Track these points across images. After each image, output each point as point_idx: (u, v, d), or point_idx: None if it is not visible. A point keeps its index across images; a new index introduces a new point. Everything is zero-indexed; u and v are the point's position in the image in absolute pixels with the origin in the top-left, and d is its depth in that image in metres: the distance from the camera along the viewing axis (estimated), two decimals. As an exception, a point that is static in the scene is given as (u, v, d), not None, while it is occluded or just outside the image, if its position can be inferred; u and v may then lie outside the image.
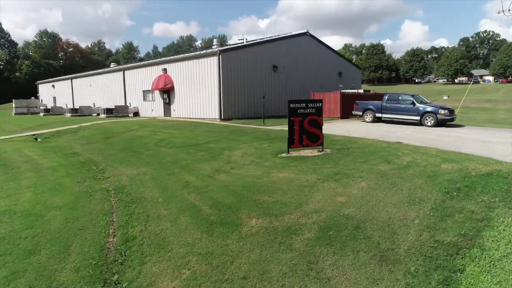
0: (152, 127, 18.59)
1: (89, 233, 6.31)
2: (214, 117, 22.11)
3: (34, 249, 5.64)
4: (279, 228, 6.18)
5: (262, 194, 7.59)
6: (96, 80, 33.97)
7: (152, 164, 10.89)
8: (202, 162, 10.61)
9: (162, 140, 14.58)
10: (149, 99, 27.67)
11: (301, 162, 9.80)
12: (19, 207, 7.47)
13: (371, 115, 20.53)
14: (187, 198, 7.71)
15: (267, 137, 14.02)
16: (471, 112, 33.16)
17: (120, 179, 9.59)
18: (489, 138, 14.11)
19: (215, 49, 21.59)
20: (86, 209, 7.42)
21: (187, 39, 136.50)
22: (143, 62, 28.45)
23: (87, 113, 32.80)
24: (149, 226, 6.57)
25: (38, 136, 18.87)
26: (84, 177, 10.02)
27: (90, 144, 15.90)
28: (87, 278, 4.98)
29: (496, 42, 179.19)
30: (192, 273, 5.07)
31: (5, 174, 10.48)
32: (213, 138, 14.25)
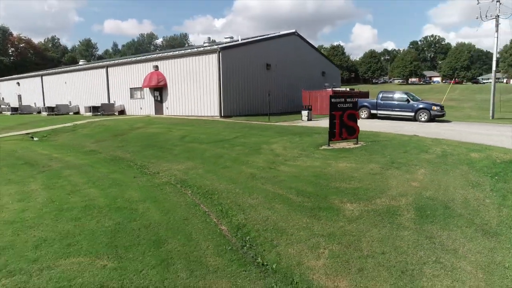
0: (160, 125, 18.27)
1: (196, 223, 6.40)
2: (214, 114, 22.12)
3: (159, 239, 5.66)
4: (378, 210, 6.67)
5: (338, 182, 8.04)
6: (72, 77, 32.31)
7: (195, 159, 10.91)
8: (249, 156, 10.83)
9: (184, 137, 14.49)
10: (137, 96, 26.93)
11: (349, 154, 10.36)
12: (98, 202, 7.31)
13: (366, 112, 21.66)
14: (265, 188, 7.96)
15: (291, 132, 14.45)
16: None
17: (174, 174, 9.58)
18: (484, 131, 15.62)
19: (215, 47, 21.61)
20: (170, 201, 7.43)
21: (147, 37, 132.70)
22: (130, 59, 27.62)
23: (64, 111, 31.15)
24: (249, 214, 6.76)
25: (33, 135, 17.83)
26: (133, 173, 9.87)
27: (102, 142, 15.38)
28: (236, 262, 5.15)
29: (441, 45, 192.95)
30: (331, 251, 5.42)
31: (41, 172, 10.02)
32: (238, 133, 14.42)
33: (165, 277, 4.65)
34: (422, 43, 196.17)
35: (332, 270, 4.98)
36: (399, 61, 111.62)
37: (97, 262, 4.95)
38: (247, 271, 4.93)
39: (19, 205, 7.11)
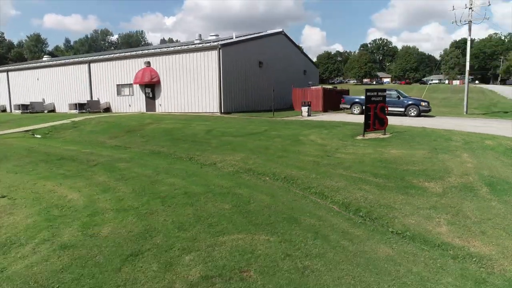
0: (170, 121, 18.06)
1: (306, 203, 6.91)
2: (213, 111, 22.25)
3: (291, 217, 6.06)
4: (457, 187, 7.59)
5: (404, 165, 8.88)
6: (46, 73, 30.43)
7: (242, 151, 11.22)
8: (295, 146, 11.38)
9: (210, 131, 14.63)
10: (124, 93, 26.15)
11: (388, 142, 11.30)
12: (192, 189, 7.46)
13: (358, 108, 23.01)
14: (340, 173, 8.59)
15: (313, 126, 15.17)
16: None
17: (233, 164, 9.89)
18: (472, 123, 17.51)
19: (215, 43, 21.73)
20: (262, 187, 7.84)
21: (101, 33, 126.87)
22: (118, 54, 26.70)
23: (39, 109, 29.30)
24: (345, 195, 7.37)
25: (33, 132, 16.90)
26: (193, 164, 10.02)
27: (118, 138, 15.05)
28: (374, 232, 5.76)
29: (389, 48, 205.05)
30: (446, 220, 6.20)
31: (93, 166, 9.81)
32: (264, 127, 14.84)
33: (333, 246, 5.11)
34: (372, 45, 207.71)
35: (459, 234, 5.74)
36: (355, 63, 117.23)
37: (259, 237, 5.27)
38: (391, 238, 5.54)
39: (111, 196, 7.08)
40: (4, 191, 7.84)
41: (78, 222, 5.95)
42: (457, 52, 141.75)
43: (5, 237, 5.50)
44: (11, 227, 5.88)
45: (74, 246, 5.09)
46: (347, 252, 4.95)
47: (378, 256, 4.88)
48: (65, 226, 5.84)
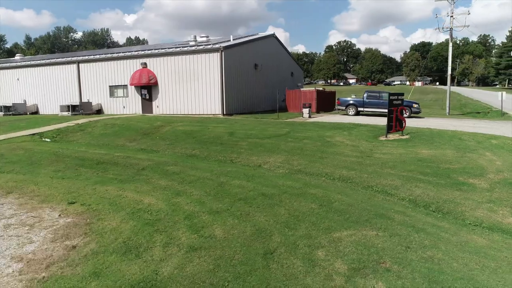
0: (182, 123, 18.00)
1: (380, 200, 7.50)
2: (216, 112, 22.41)
3: (383, 214, 6.63)
4: (500, 182, 8.52)
5: (443, 164, 9.75)
6: (27, 73, 28.99)
7: (278, 153, 11.67)
8: (328, 147, 11.98)
9: (232, 133, 14.90)
10: (118, 95, 25.59)
11: (414, 143, 12.20)
12: (268, 191, 7.84)
13: (353, 109, 24.12)
14: (389, 172, 9.31)
15: (330, 127, 15.84)
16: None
17: (279, 165, 10.33)
18: (463, 124, 19.00)
19: (217, 46, 21.90)
20: (331, 185, 8.34)
21: (64, 30, 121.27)
22: (110, 55, 26.01)
23: (22, 111, 27.93)
24: (406, 192, 8.06)
25: (41, 135, 16.32)
26: (239, 167, 10.34)
27: (138, 141, 14.96)
28: (456, 224, 6.44)
29: (353, 50, 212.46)
30: (510, 212, 7.02)
31: (142, 169, 9.88)
32: (284, 129, 15.32)
33: (438, 237, 5.73)
34: (336, 47, 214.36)
35: (528, 223, 6.58)
36: (323, 64, 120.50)
37: (367, 232, 5.78)
38: (475, 230, 6.27)
39: (189, 200, 7.29)
40: (67, 197, 7.81)
41: (182, 226, 6.14)
42: (417, 55, 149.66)
43: (121, 241, 5.61)
44: (117, 232, 5.98)
45: (202, 248, 5.32)
46: (453, 242, 5.58)
47: (479, 245, 5.56)
48: (172, 229, 6.02)
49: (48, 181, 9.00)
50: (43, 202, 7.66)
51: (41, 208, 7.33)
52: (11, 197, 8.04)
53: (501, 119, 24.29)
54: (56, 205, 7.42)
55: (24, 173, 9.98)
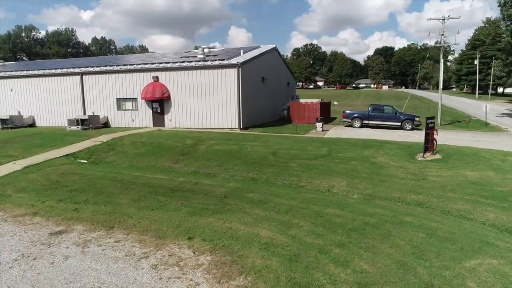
0: (213, 140, 18.21)
1: (468, 226, 8.57)
2: (232, 126, 22.89)
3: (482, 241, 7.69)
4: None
5: (494, 186, 11.07)
6: (22, 83, 27.76)
7: (336, 175, 12.55)
8: (379, 169, 13.03)
9: (274, 153, 15.53)
10: (126, 108, 25.29)
11: (452, 164, 13.56)
12: (368, 219, 8.70)
13: (359, 122, 25.53)
14: (455, 197, 10.47)
15: (362, 145, 16.90)
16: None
17: (345, 189, 11.22)
18: (464, 137, 20.88)
19: (234, 62, 22.38)
20: (413, 211, 9.32)
21: (26, 29, 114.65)
22: (119, 67, 25.55)
23: (19, 123, 26.76)
24: (488, 215, 9.21)
25: (75, 156, 16.11)
26: (311, 191, 11.10)
27: (181, 161, 15.21)
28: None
29: (319, 53, 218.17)
30: None
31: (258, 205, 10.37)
32: (323, 148, 16.17)
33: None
34: (303, 50, 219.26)
35: None
36: (296, 67, 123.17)
37: (494, 261, 6.79)
38: None
39: (329, 234, 7.99)
40: (179, 231, 8.13)
41: (325, 261, 6.75)
42: (381, 59, 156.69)
43: (285, 279, 6.16)
44: (272, 270, 6.48)
45: (370, 284, 6.01)
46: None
47: None
48: (319, 264, 6.67)
49: (140, 213, 9.26)
50: (160, 237, 8.01)
51: (166, 245, 7.70)
52: (118, 232, 8.27)
53: (488, 130, 26.73)
54: (176, 240, 7.81)
55: (104, 204, 10.15)
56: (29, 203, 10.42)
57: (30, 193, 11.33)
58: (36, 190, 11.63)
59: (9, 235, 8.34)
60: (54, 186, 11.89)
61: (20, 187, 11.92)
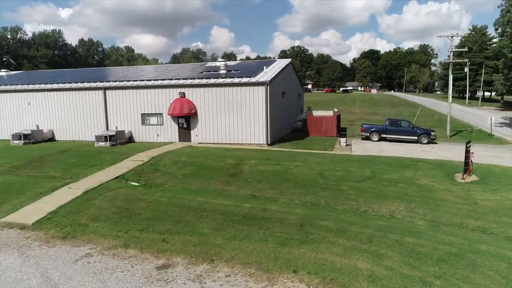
0: (255, 160, 18.64)
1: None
2: (259, 141, 23.53)
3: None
4: None
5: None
6: (41, 97, 27.57)
7: (390, 199, 13.37)
8: (428, 192, 13.99)
9: (321, 175, 16.23)
10: (151, 122, 25.58)
11: (492, 186, 14.67)
12: (452, 249, 9.56)
13: (377, 136, 26.63)
14: (510, 222, 11.48)
15: (400, 165, 17.82)
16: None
17: (406, 215, 12.09)
18: (484, 153, 22.19)
19: (262, 80, 23.04)
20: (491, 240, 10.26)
21: (12, 30, 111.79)
22: (144, 83, 25.77)
23: (39, 138, 26.65)
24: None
25: (122, 178, 16.45)
26: (387, 221, 11.93)
27: (234, 183, 15.66)
28: None
29: (306, 56, 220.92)
30: None
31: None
32: (366, 169, 16.96)
33: None
34: (290, 52, 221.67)
35: None
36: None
37: None
38: None
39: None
40: (279, 264, 8.72)
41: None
42: (368, 63, 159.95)
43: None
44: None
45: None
46: None
47: None
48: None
49: (230, 244, 9.83)
50: (266, 271, 8.66)
51: (277, 279, 8.36)
52: (222, 266, 8.85)
53: (495, 142, 28.28)
54: (283, 274, 8.49)
55: (190, 234, 10.68)
56: (112, 234, 10.85)
57: (107, 222, 11.70)
58: (110, 218, 12.00)
59: (118, 270, 8.81)
60: (126, 214, 12.28)
61: (92, 216, 12.25)
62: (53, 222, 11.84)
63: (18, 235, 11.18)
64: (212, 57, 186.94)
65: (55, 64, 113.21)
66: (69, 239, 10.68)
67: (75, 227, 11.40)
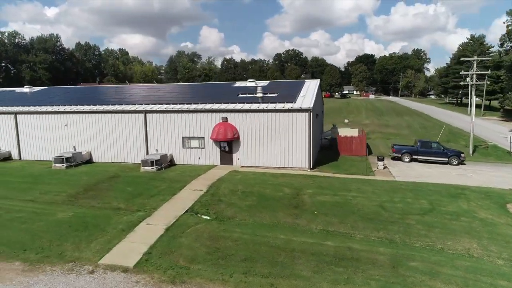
0: (311, 189, 19.42)
1: None
2: (301, 165, 24.38)
3: None
4: None
5: None
6: (79, 119, 27.91)
7: (471, 237, 14.05)
8: (492, 227, 14.96)
9: (382, 207, 17.08)
10: (192, 145, 26.15)
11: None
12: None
13: (408, 157, 27.75)
14: None
15: (449, 194, 18.83)
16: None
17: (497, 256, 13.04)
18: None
19: (305, 107, 23.94)
20: None
21: (9, 36, 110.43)
22: (187, 107, 26.38)
23: (79, 160, 27.05)
24: None
25: (192, 211, 17.07)
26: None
27: (299, 216, 16.41)
28: None
29: (300, 59, 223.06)
30: None
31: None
32: (423, 201, 17.88)
33: None
34: (285, 55, 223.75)
35: None
36: (287, 77, 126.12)
37: None
38: None
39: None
40: None
41: None
42: (364, 68, 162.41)
43: None
44: None
45: None
46: None
47: None
48: None
49: None
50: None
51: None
52: None
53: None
54: None
55: (294, 278, 11.41)
56: (218, 277, 11.51)
57: (206, 264, 12.31)
58: (207, 259, 12.60)
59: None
60: (220, 255, 12.87)
61: (188, 257, 12.82)
62: (152, 264, 12.40)
63: (125, 279, 11.72)
64: (208, 60, 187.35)
65: (54, 69, 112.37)
66: (179, 284, 11.31)
67: (177, 270, 11.99)
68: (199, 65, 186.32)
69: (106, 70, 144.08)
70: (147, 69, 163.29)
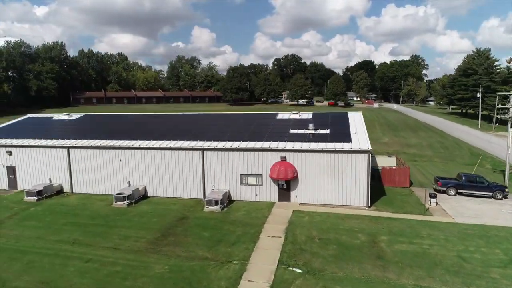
0: (387, 236, 20.32)
1: None
2: (359, 204, 25.33)
3: None
4: None
5: None
6: (134, 154, 28.55)
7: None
8: None
9: (463, 259, 17.90)
10: (250, 182, 26.92)
11: None
12: None
13: (454, 191, 28.89)
14: None
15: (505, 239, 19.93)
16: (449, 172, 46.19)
17: None
18: None
19: (365, 148, 24.89)
20: None
21: (16, 45, 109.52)
22: (245, 145, 27.10)
23: (137, 196, 27.61)
24: None
25: (282, 263, 17.87)
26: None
27: (389, 269, 17.38)
28: None
29: (299, 63, 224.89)
30: None
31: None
32: (497, 250, 18.90)
33: None
34: (284, 60, 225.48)
35: None
36: (292, 86, 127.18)
37: None
38: None
39: None
40: None
41: None
42: (365, 75, 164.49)
43: None
44: None
45: None
46: None
47: None
48: None
49: None
50: None
51: None
52: None
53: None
54: None
55: None
56: None
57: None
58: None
59: None
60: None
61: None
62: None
63: None
64: (208, 66, 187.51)
65: (60, 79, 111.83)
66: None
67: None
68: (199, 69, 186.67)
69: (109, 77, 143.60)
70: (150, 76, 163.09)
